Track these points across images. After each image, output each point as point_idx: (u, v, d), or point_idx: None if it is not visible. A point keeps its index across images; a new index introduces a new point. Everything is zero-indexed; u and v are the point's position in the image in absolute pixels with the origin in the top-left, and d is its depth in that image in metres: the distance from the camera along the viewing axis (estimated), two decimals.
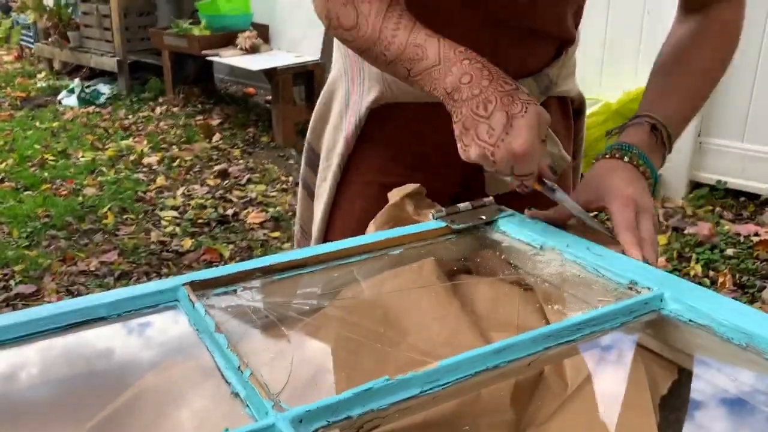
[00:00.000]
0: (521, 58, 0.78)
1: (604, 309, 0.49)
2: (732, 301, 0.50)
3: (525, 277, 0.58)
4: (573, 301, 0.54)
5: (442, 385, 0.42)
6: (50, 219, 2.90)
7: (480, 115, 0.60)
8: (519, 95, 0.60)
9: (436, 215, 0.65)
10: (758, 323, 0.46)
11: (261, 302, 0.55)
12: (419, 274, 0.59)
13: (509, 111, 0.59)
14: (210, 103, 4.50)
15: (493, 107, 0.59)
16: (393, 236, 0.61)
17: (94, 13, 4.83)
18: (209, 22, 4.10)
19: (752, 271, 2.23)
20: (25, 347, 0.51)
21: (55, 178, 3.35)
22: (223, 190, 3.19)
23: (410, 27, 0.66)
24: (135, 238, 2.74)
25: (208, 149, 3.72)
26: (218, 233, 2.78)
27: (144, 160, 3.57)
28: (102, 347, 0.54)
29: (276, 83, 3.67)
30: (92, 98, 4.64)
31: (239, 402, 0.44)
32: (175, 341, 0.53)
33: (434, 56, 0.64)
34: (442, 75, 0.63)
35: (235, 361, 0.46)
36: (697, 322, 0.49)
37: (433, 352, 0.50)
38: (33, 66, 5.81)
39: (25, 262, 2.53)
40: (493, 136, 0.59)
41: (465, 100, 0.61)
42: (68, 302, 0.54)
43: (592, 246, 0.60)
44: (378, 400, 0.41)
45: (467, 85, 0.61)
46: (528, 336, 0.45)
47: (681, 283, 0.53)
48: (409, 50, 0.65)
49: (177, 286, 0.55)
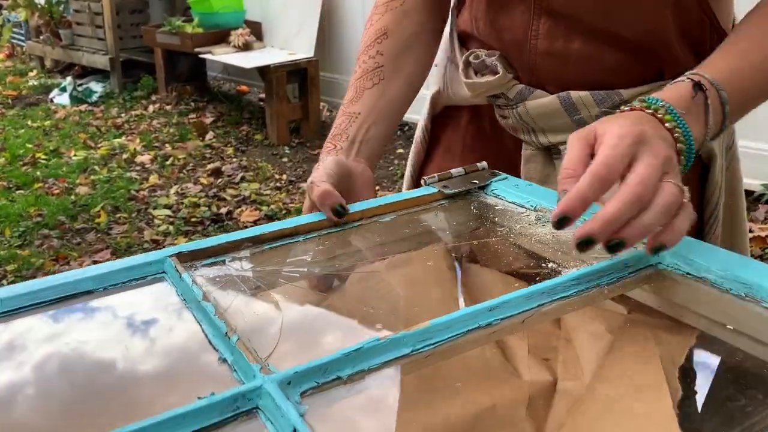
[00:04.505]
0: (582, 62, 0.67)
1: (599, 264, 0.48)
2: (729, 252, 0.49)
3: (518, 239, 0.58)
4: (568, 259, 0.53)
5: (434, 343, 0.41)
6: (42, 218, 2.88)
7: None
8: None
9: (428, 181, 0.64)
10: (756, 273, 0.46)
11: (250, 271, 0.54)
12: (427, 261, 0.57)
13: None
14: (203, 101, 4.49)
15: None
16: (385, 203, 0.60)
17: (86, 11, 4.81)
18: (202, 19, 4.08)
19: None
20: (11, 322, 0.50)
21: (47, 177, 3.33)
22: (217, 188, 3.17)
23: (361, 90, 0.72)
24: (128, 237, 2.72)
25: (201, 147, 3.70)
26: (212, 232, 2.77)
27: (137, 159, 3.56)
28: (88, 320, 0.53)
29: (269, 81, 3.66)
30: (84, 96, 4.61)
31: (227, 367, 0.43)
32: (162, 312, 0.52)
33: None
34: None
35: (223, 328, 0.45)
36: (694, 275, 0.48)
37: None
38: (24, 64, 5.78)
39: (18, 262, 2.51)
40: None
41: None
42: (54, 277, 0.53)
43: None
44: (368, 359, 0.40)
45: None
46: (521, 293, 0.44)
47: None
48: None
49: (164, 257, 0.54)
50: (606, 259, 0.49)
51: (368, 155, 0.70)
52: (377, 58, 0.75)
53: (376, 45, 0.76)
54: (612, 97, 0.67)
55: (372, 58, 0.75)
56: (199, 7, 4.08)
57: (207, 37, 4.04)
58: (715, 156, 0.70)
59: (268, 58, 3.75)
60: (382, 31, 0.76)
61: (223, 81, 4.88)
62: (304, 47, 3.85)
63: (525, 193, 0.63)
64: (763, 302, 0.45)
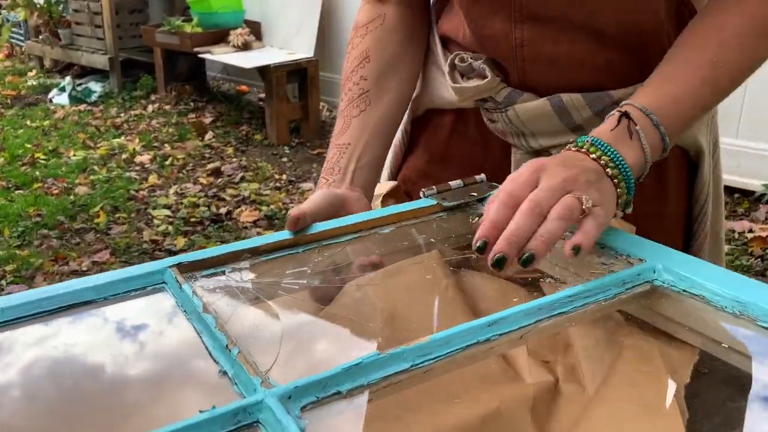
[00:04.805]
0: (572, 64, 0.66)
1: (597, 281, 0.48)
2: (726, 270, 0.50)
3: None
4: (565, 274, 0.53)
5: (433, 358, 0.42)
6: (42, 218, 2.88)
7: None
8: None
9: (426, 193, 0.64)
10: (751, 291, 0.46)
11: (250, 282, 0.54)
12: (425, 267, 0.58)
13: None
14: (202, 101, 4.49)
15: None
16: (383, 215, 0.60)
17: (85, 11, 4.80)
18: (201, 19, 4.08)
19: (747, 267, 2.24)
20: (11, 332, 0.50)
21: (46, 177, 3.33)
22: (216, 188, 3.18)
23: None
24: (127, 237, 2.72)
25: (200, 147, 3.70)
26: (211, 232, 2.77)
27: (136, 159, 3.56)
28: (89, 331, 0.53)
29: (269, 81, 3.66)
30: (83, 96, 4.61)
31: (227, 380, 0.44)
32: (162, 323, 0.52)
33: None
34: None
35: (223, 341, 0.46)
36: (690, 292, 0.49)
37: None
38: (23, 64, 5.77)
39: (17, 262, 2.51)
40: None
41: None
42: (55, 286, 0.53)
43: None
44: (368, 374, 0.41)
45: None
46: (520, 309, 0.45)
47: (672, 254, 0.52)
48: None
49: (164, 268, 0.55)
50: (602, 275, 0.50)
51: (363, 183, 0.71)
52: (361, 83, 0.75)
53: (359, 70, 0.75)
54: (603, 98, 0.66)
55: (356, 84, 0.75)
56: (198, 6, 4.08)
57: (206, 36, 4.03)
58: (704, 153, 0.71)
59: (268, 58, 3.75)
60: (363, 54, 0.76)
61: (222, 81, 4.88)
62: (304, 47, 3.85)
63: None
64: (758, 320, 0.46)
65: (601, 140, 0.56)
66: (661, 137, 0.59)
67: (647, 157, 0.57)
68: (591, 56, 0.66)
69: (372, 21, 0.78)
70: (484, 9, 0.68)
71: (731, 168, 2.71)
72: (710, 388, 0.48)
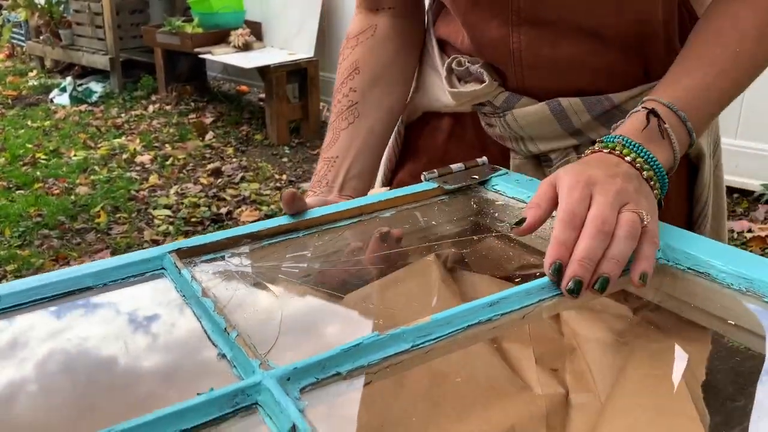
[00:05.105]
0: (571, 66, 0.66)
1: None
2: (730, 247, 0.49)
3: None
4: None
5: (434, 339, 0.41)
6: (42, 218, 2.88)
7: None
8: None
9: (427, 176, 0.63)
10: (758, 267, 0.46)
11: (249, 267, 0.54)
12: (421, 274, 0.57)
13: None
14: (203, 101, 4.49)
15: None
16: (384, 199, 0.60)
17: (86, 11, 4.81)
18: (202, 19, 4.08)
19: None
20: (10, 319, 0.50)
21: (47, 177, 3.33)
22: (217, 188, 3.17)
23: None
24: (128, 237, 2.72)
25: (201, 147, 3.70)
26: (212, 232, 2.76)
27: (137, 159, 3.56)
28: (88, 316, 0.53)
29: (269, 81, 3.66)
30: (84, 96, 4.61)
31: (226, 363, 0.43)
32: (161, 308, 0.52)
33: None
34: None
35: (222, 324, 0.45)
36: (695, 270, 0.48)
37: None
38: (24, 64, 5.78)
39: (18, 262, 2.51)
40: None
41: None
42: (54, 273, 0.53)
43: None
44: (368, 355, 0.40)
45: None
46: (521, 288, 0.44)
47: (676, 231, 0.52)
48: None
49: (163, 254, 0.54)
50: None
51: (352, 192, 0.70)
52: (350, 95, 0.74)
53: (349, 82, 0.75)
54: (602, 102, 0.66)
55: (345, 96, 0.74)
56: (198, 7, 4.08)
57: (207, 37, 4.04)
58: (704, 155, 0.70)
59: (268, 58, 3.75)
60: (353, 66, 0.75)
61: (222, 81, 4.88)
62: (304, 47, 3.85)
63: (526, 189, 0.63)
64: (764, 297, 0.45)
65: (633, 141, 0.54)
66: (688, 133, 0.58)
67: (676, 154, 0.57)
68: (589, 59, 0.65)
69: (363, 32, 0.77)
70: (481, 14, 0.67)
71: (730, 168, 2.70)
72: (724, 376, 0.47)
